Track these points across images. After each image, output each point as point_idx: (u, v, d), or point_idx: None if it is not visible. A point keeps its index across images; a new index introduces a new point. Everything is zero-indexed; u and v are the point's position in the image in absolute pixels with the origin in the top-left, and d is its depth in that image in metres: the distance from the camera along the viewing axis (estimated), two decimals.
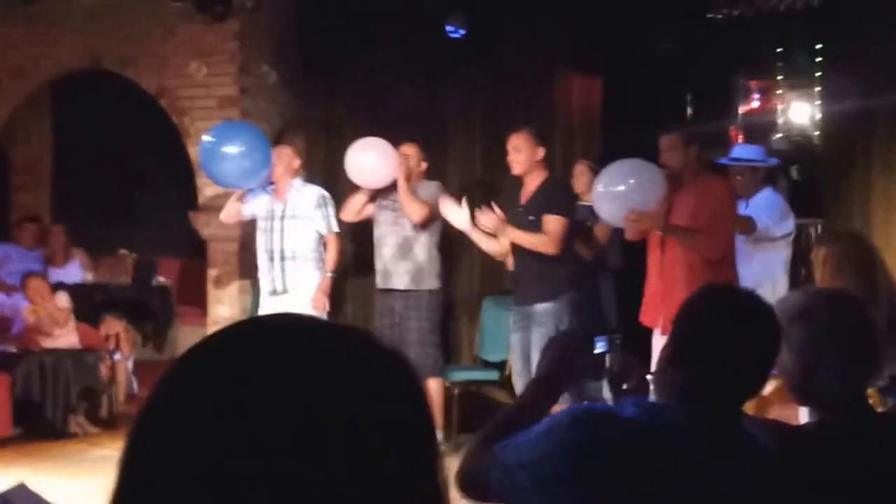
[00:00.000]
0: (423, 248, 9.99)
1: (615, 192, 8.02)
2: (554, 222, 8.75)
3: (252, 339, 1.30)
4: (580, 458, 2.86)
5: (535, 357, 8.62)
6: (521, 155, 8.93)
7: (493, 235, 9.04)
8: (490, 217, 8.92)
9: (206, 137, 10.29)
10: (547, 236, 8.76)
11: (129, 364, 11.70)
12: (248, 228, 10.82)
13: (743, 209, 9.14)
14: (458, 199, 9.51)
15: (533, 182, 9.00)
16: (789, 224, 9.48)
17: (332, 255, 10.12)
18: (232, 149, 10.02)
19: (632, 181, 7.96)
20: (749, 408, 3.54)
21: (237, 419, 1.20)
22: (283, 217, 10.06)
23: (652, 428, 2.95)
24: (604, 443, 2.88)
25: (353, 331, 1.35)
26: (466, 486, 3.19)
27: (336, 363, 1.26)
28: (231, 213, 10.46)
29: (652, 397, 3.26)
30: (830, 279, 6.15)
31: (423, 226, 9.94)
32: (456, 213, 9.34)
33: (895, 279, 6.42)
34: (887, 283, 6.28)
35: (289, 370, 1.24)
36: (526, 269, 8.96)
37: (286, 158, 10.20)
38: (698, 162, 8.17)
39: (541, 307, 8.82)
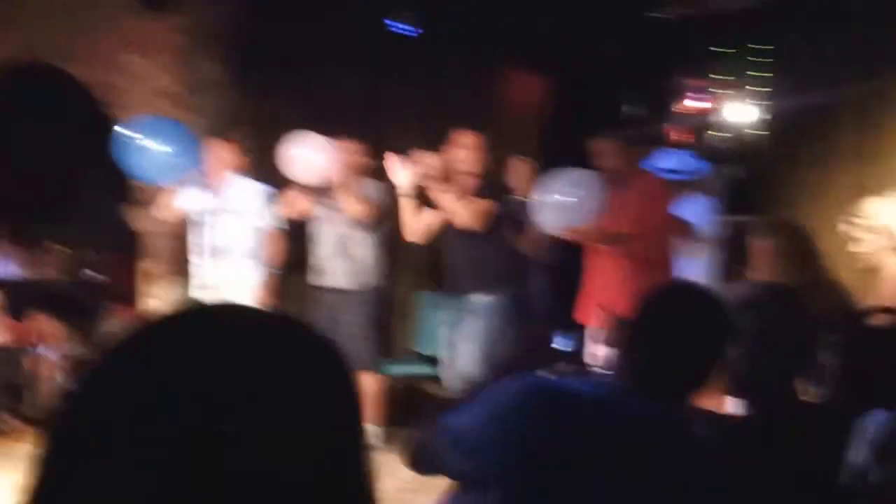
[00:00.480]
0: (361, 245, 9.94)
1: (557, 204, 8.08)
2: (485, 203, 8.78)
3: (186, 327, 1.31)
4: (513, 424, 2.96)
5: (465, 348, 8.68)
6: (476, 155, 8.97)
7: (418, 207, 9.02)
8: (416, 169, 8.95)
9: (122, 131, 9.97)
10: (475, 212, 8.76)
11: (57, 358, 11.62)
12: (180, 223, 10.79)
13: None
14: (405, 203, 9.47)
15: (472, 180, 9.02)
16: (716, 228, 9.65)
17: (276, 252, 10.09)
18: (150, 143, 9.74)
19: (574, 193, 8.00)
20: None
21: (156, 410, 1.19)
22: (219, 212, 10.02)
23: (593, 402, 3.06)
24: (541, 411, 2.99)
25: (285, 319, 1.35)
26: (417, 459, 3.29)
27: (265, 349, 1.27)
28: (165, 210, 10.36)
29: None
30: (769, 269, 6.24)
31: (362, 223, 9.87)
32: (398, 170, 9.16)
33: (829, 270, 6.54)
34: (823, 273, 6.39)
35: (214, 356, 1.24)
36: (460, 260, 8.97)
37: (220, 153, 10.11)
38: (635, 162, 8.32)
39: (476, 298, 8.80)
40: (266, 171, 10.54)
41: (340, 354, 1.34)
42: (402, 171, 9.08)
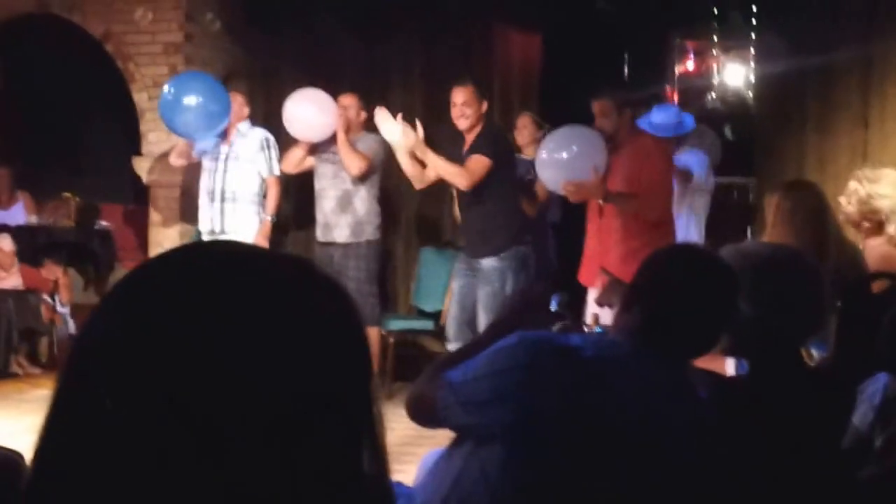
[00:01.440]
0: (363, 200, 10.02)
1: (557, 160, 8.12)
2: (476, 160, 8.70)
3: (187, 265, 1.27)
4: (514, 379, 2.99)
5: (482, 315, 8.77)
6: (470, 109, 8.90)
7: (418, 160, 9.05)
8: (410, 133, 8.94)
9: (165, 88, 10.31)
10: (465, 170, 8.73)
11: (67, 310, 11.78)
12: (189, 174, 10.92)
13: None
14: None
15: (473, 134, 9.00)
16: (710, 178, 9.71)
17: (272, 200, 10.26)
18: (191, 100, 10.04)
19: (574, 149, 8.04)
20: None
21: (168, 350, 1.17)
22: (227, 159, 10.19)
23: (595, 359, 3.06)
24: (541, 366, 3.00)
25: (293, 259, 1.31)
26: (415, 409, 3.31)
27: (275, 287, 1.24)
28: (179, 159, 10.59)
29: None
30: (783, 228, 6.25)
31: (363, 178, 9.96)
32: (389, 127, 9.07)
33: (843, 231, 6.55)
34: (837, 233, 6.41)
35: (226, 295, 1.21)
36: (471, 223, 9.00)
37: (237, 105, 10.29)
38: (631, 124, 8.25)
39: (486, 263, 8.84)
40: (267, 123, 10.61)
41: (347, 295, 1.31)
42: (391, 127, 9.07)
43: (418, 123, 9.01)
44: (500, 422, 3.01)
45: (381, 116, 9.10)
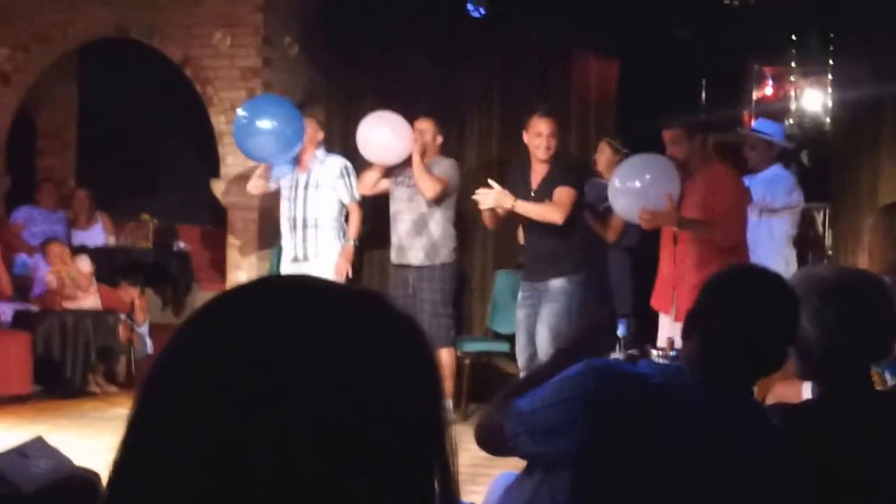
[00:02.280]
0: (438, 224, 10.09)
1: (630, 188, 8.12)
2: (563, 192, 8.84)
3: (262, 298, 1.29)
4: (581, 407, 2.98)
5: (542, 333, 8.79)
6: (555, 140, 9.06)
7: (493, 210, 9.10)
8: (491, 194, 9.01)
9: (240, 112, 10.43)
10: (554, 205, 8.84)
11: (144, 329, 11.89)
12: (267, 197, 11.01)
13: (751, 182, 9.28)
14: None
15: (543, 167, 9.11)
16: (793, 198, 9.60)
17: (354, 225, 10.35)
18: (266, 123, 10.15)
19: (647, 177, 8.02)
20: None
21: (243, 380, 1.18)
22: (306, 186, 10.27)
23: (662, 386, 3.06)
24: (609, 395, 3.00)
25: (366, 294, 1.33)
26: (483, 438, 3.32)
27: (348, 324, 1.25)
28: (257, 185, 10.68)
29: None
30: (881, 250, 6.19)
31: (438, 202, 10.03)
32: (491, 197, 9.06)
33: None
34: None
35: (298, 330, 1.23)
36: (539, 246, 9.07)
37: (311, 130, 10.38)
38: (704, 150, 8.18)
39: (554, 283, 8.92)
40: (345, 147, 10.67)
41: (420, 329, 1.32)
42: (492, 196, 9.08)
43: (492, 182, 9.08)
44: (568, 450, 3.01)
45: (480, 197, 9.11)
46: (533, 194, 9.05)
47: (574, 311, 8.73)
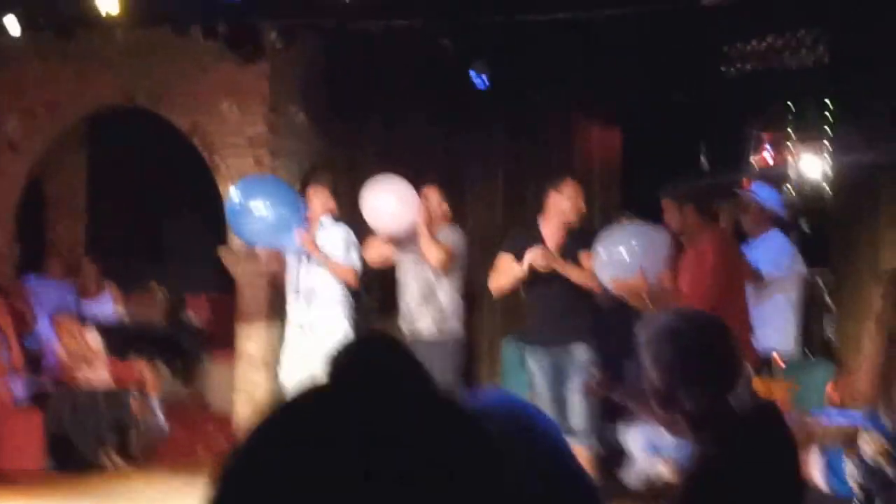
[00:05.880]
0: (446, 292, 10.07)
1: (611, 260, 8.27)
2: (590, 258, 8.91)
3: (335, 413, 1.26)
4: None
5: (575, 401, 8.84)
6: (576, 203, 9.25)
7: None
8: (537, 254, 9.12)
9: (233, 196, 10.42)
10: (589, 271, 8.93)
11: (155, 403, 11.89)
12: (277, 265, 11.07)
13: (748, 248, 9.37)
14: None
15: (559, 232, 9.28)
16: (795, 266, 9.69)
17: (341, 264, 10.25)
18: (260, 208, 10.11)
19: (627, 249, 8.22)
20: None
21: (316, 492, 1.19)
22: (310, 255, 10.27)
23: None
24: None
25: (437, 400, 1.31)
26: None
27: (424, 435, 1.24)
28: (266, 253, 10.68)
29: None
30: (891, 314, 6.30)
31: (444, 269, 10.02)
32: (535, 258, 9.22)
33: None
34: None
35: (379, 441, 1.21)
36: (553, 309, 9.18)
37: (322, 199, 10.40)
38: (698, 219, 8.25)
39: (578, 351, 9.06)
40: (351, 214, 10.78)
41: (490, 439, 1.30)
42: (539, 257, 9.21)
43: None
44: None
45: (534, 258, 9.23)
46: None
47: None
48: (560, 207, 9.27)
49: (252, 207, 10.15)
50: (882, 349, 6.14)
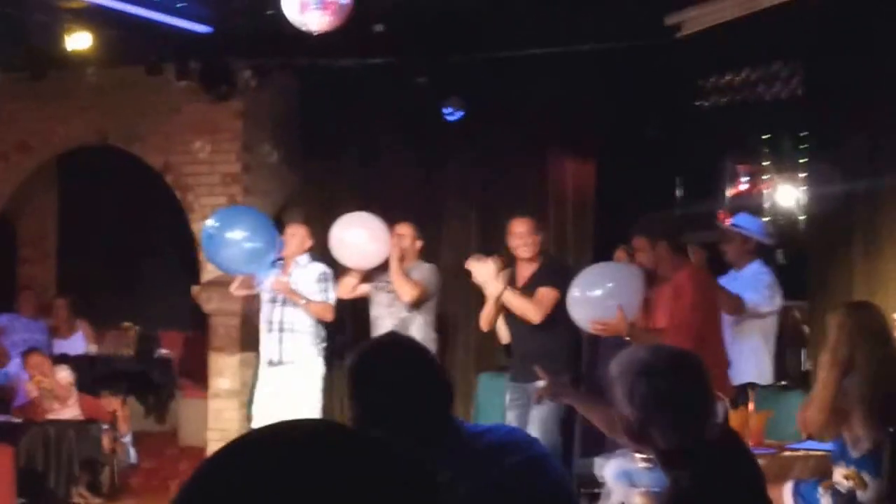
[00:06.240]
0: (419, 328, 9.96)
1: (587, 298, 8.20)
2: (544, 292, 8.89)
3: (259, 459, 1.30)
4: None
5: (535, 434, 8.80)
6: (531, 239, 9.13)
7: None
8: (483, 265, 9.10)
9: (208, 223, 10.38)
10: (535, 303, 8.91)
11: (128, 439, 11.78)
12: (248, 303, 11.04)
13: (731, 279, 9.35)
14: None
15: (529, 267, 9.20)
16: (776, 300, 9.66)
17: (319, 314, 10.18)
18: (235, 234, 10.09)
19: (602, 288, 8.11)
20: None
21: None
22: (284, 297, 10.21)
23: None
24: None
25: (371, 442, 1.36)
26: None
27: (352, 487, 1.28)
28: (240, 291, 10.64)
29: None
30: (846, 347, 6.29)
31: (418, 306, 9.98)
32: (484, 270, 9.13)
33: None
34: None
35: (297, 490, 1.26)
36: (527, 345, 9.09)
37: (299, 238, 10.33)
38: (673, 255, 8.09)
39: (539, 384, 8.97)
40: (324, 252, 10.74)
41: (426, 475, 1.36)
42: (485, 269, 9.14)
43: (493, 260, 9.16)
44: None
45: (474, 264, 9.22)
46: (519, 290, 9.11)
47: (564, 414, 8.78)
48: (512, 246, 9.25)
49: (228, 236, 10.10)
50: (835, 381, 6.14)
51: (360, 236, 10.12)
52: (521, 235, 9.17)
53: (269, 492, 1.25)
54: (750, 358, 9.27)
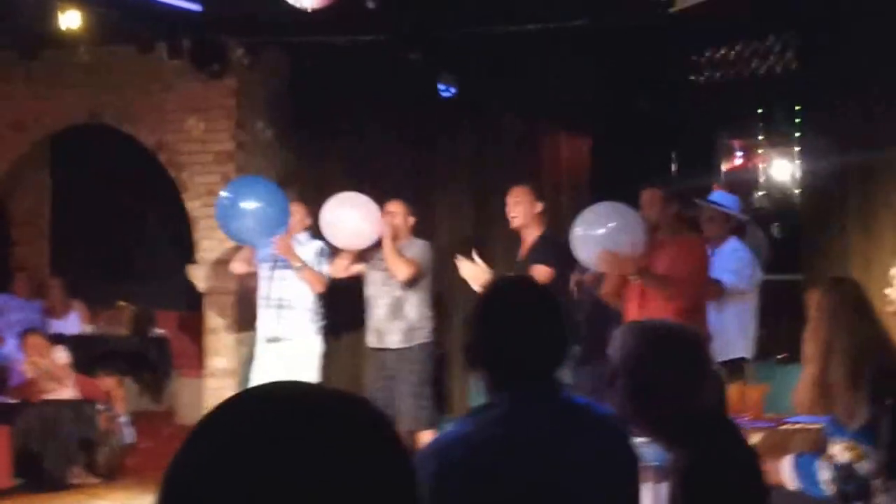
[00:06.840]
0: (414, 306, 10.00)
1: (594, 235, 8.20)
2: (538, 271, 8.78)
3: (252, 412, 1.37)
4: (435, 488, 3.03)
5: None
6: (520, 207, 9.11)
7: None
8: (470, 265, 9.11)
9: (223, 193, 10.40)
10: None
11: (124, 419, 11.74)
12: (244, 281, 11.02)
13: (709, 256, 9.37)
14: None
15: (530, 236, 9.17)
16: (756, 277, 9.66)
17: (315, 284, 10.20)
18: (250, 205, 10.10)
19: (613, 222, 8.10)
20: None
21: (237, 485, 1.28)
22: (284, 267, 10.18)
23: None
24: (446, 466, 3.06)
25: (346, 399, 1.40)
26: None
27: (328, 431, 1.33)
28: (241, 267, 10.64)
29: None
30: (825, 323, 6.28)
31: (412, 284, 9.96)
32: (473, 272, 9.16)
33: (885, 327, 6.55)
34: (880, 329, 6.42)
35: (286, 436, 1.31)
36: None
37: (299, 216, 10.38)
38: (676, 219, 8.27)
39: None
40: (317, 228, 10.72)
41: (396, 435, 1.40)
42: (475, 271, 9.16)
43: (475, 256, 9.17)
44: None
45: (462, 262, 9.23)
46: (519, 263, 9.12)
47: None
48: (508, 213, 9.25)
49: (242, 205, 10.10)
50: (819, 359, 6.13)
51: (350, 217, 10.09)
52: (508, 203, 9.20)
53: (254, 451, 1.30)
54: (738, 333, 9.27)
